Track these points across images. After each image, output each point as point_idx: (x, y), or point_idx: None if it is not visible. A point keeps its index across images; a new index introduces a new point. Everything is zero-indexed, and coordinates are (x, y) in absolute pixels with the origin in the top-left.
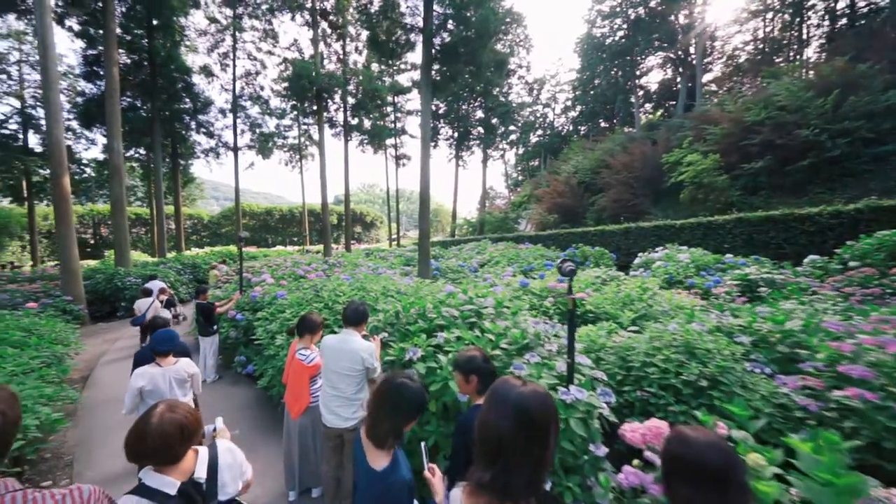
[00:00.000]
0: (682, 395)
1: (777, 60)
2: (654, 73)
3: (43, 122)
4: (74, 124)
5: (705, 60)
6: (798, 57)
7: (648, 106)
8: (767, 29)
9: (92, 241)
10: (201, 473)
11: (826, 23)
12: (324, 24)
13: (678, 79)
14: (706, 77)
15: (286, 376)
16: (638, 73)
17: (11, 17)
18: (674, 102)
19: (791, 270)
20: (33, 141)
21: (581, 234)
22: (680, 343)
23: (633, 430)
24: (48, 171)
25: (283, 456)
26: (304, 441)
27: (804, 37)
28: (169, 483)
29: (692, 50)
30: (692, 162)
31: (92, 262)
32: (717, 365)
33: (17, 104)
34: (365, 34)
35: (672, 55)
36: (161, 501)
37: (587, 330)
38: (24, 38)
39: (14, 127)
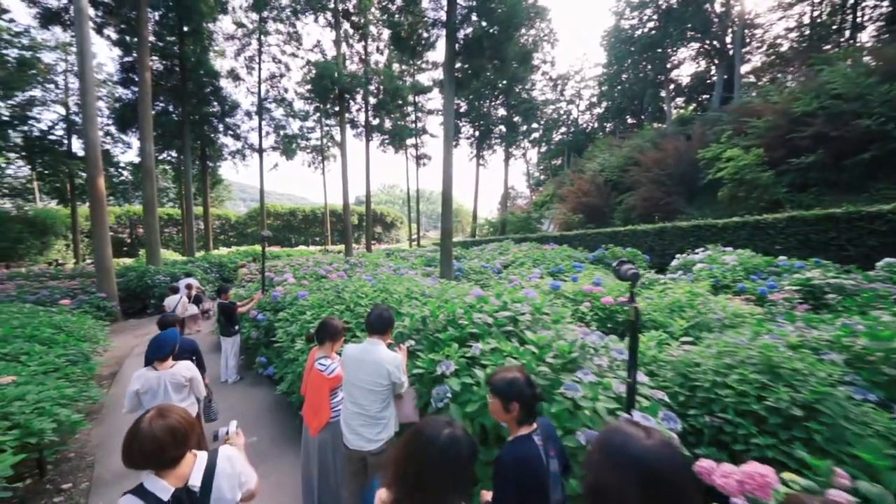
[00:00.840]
0: (766, 424)
1: (826, 48)
2: (686, 65)
3: None
4: (113, 129)
5: (743, 50)
6: (852, 42)
7: (680, 100)
8: (815, 14)
9: (128, 241)
10: (196, 481)
11: (884, 3)
12: (346, 25)
13: (713, 70)
14: (744, 68)
15: (304, 387)
16: (669, 65)
17: (59, 30)
18: (707, 96)
19: (861, 275)
20: (76, 146)
21: (610, 234)
22: (759, 360)
23: (724, 475)
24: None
25: (301, 471)
26: (324, 458)
27: (858, 20)
28: (163, 488)
29: (729, 39)
30: (732, 157)
31: (128, 261)
32: (813, 390)
33: (63, 111)
34: (386, 34)
35: (707, 46)
36: None
37: None
38: (69, 50)
39: (60, 133)
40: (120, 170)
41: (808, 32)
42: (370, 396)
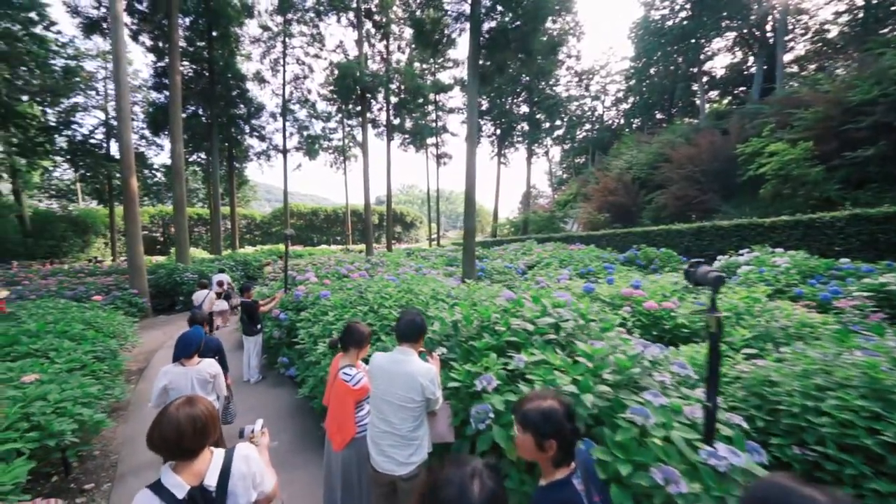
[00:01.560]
0: (884, 465)
1: (882, 31)
2: (721, 56)
3: None
4: (147, 132)
5: (786, 38)
6: None
7: (714, 93)
8: None
9: (161, 239)
10: (211, 480)
11: None
12: (368, 25)
13: (751, 61)
14: (786, 57)
15: (327, 397)
16: (702, 57)
17: (99, 40)
18: (744, 88)
19: None
20: (114, 148)
21: (642, 234)
22: (861, 383)
23: None
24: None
25: (323, 485)
26: (348, 474)
27: None
28: (179, 485)
29: (769, 27)
30: (776, 152)
31: (161, 258)
32: None
33: (103, 116)
34: (408, 32)
35: (744, 35)
36: (168, 502)
37: (689, 351)
38: (108, 58)
39: (100, 137)
40: (153, 171)
41: (861, 16)
42: (401, 413)
